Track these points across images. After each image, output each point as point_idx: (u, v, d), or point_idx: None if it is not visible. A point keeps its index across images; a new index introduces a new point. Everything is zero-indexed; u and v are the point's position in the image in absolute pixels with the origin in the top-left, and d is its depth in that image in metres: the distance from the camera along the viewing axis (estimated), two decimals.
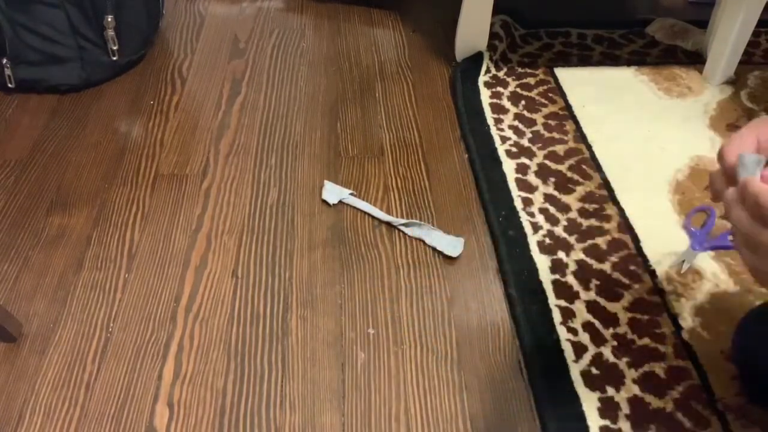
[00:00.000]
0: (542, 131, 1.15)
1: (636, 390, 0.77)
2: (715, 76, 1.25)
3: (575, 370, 0.79)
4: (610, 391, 0.77)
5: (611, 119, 1.18)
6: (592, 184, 1.05)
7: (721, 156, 0.51)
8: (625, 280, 0.90)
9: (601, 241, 0.95)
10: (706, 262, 0.92)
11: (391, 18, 1.46)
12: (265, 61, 1.32)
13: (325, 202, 1.02)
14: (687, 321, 0.85)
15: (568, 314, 0.86)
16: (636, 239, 0.95)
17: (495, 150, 1.11)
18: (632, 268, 0.92)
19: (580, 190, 1.04)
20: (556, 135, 1.14)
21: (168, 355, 0.82)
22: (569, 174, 1.06)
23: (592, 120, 1.18)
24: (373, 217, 0.99)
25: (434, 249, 0.95)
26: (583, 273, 0.91)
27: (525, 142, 1.13)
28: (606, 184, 1.04)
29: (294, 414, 0.76)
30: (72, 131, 1.15)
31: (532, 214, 0.99)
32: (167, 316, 0.86)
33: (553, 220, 0.98)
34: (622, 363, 0.80)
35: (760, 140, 0.50)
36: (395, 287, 0.90)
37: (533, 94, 1.24)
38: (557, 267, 0.92)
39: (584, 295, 0.88)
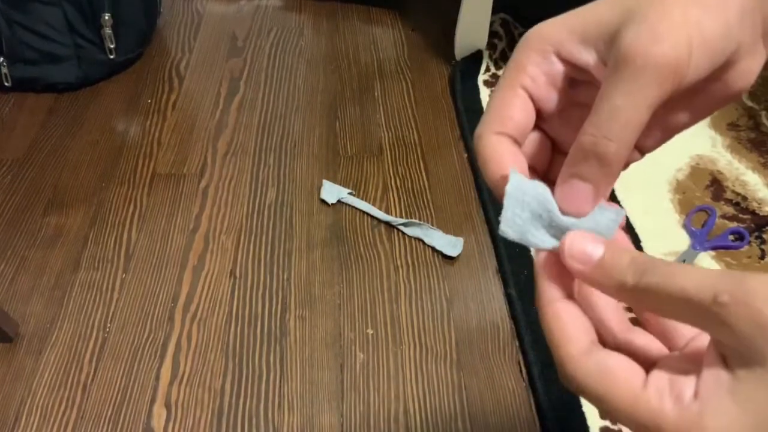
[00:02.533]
0: None
1: None
2: None
3: None
4: None
5: None
6: None
7: (481, 157, 0.28)
8: None
9: None
10: (707, 262, 0.92)
11: (390, 16, 1.45)
12: (263, 60, 1.32)
13: (323, 201, 1.01)
14: None
15: None
16: (636, 239, 0.95)
17: None
18: None
19: None
20: None
21: (165, 355, 0.81)
22: None
23: None
24: (372, 217, 0.99)
25: (434, 249, 0.94)
26: None
27: None
28: None
29: (292, 415, 0.76)
30: (69, 130, 1.14)
31: None
32: (165, 316, 0.86)
33: None
34: None
35: (536, 97, 0.28)
36: (394, 287, 0.89)
37: None
38: None
39: None
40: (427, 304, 0.87)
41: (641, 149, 0.29)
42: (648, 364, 0.25)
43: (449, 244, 0.94)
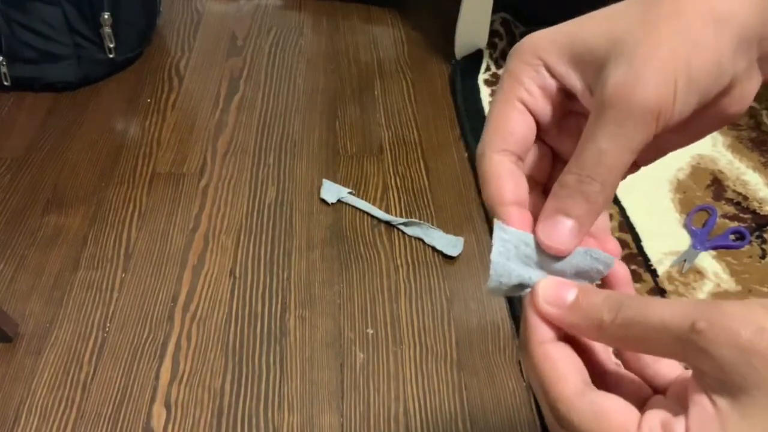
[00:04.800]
0: None
1: None
2: None
3: None
4: None
5: None
6: None
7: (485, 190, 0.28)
8: None
9: None
10: (708, 261, 0.92)
11: (390, 16, 1.45)
12: (263, 59, 1.32)
13: (323, 201, 1.01)
14: None
15: None
16: (637, 238, 0.95)
17: None
18: (633, 267, 0.91)
19: None
20: None
21: (165, 355, 0.81)
22: None
23: None
24: (372, 217, 0.99)
25: (434, 248, 0.94)
26: None
27: None
28: None
29: (292, 415, 0.76)
30: (68, 129, 1.14)
31: None
32: (164, 316, 0.85)
33: None
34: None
35: (537, 115, 0.28)
36: (394, 287, 0.89)
37: None
38: None
39: None
40: (427, 303, 0.87)
41: (637, 163, 0.29)
42: (638, 405, 0.24)
43: (449, 243, 0.94)
